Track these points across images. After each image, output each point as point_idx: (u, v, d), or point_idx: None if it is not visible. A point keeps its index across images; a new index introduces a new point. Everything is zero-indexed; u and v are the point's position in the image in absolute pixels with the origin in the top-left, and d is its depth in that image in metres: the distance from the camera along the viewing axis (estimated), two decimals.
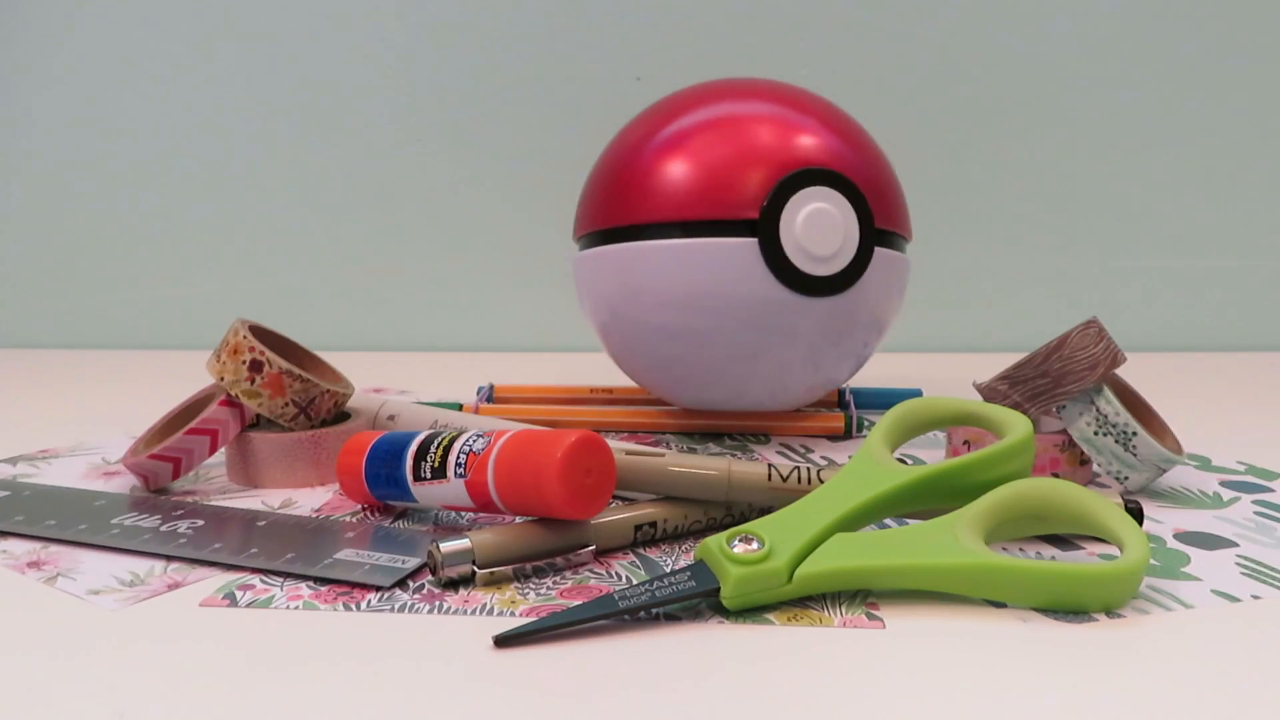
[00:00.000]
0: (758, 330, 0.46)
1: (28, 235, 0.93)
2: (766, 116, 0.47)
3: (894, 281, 0.49)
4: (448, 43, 0.86)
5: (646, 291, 0.47)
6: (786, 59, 0.83)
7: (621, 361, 0.51)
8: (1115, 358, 0.40)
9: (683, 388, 0.49)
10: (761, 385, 0.48)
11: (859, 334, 0.48)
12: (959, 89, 0.83)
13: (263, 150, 0.89)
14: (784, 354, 0.47)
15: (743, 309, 0.45)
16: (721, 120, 0.47)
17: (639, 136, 0.49)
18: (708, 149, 0.46)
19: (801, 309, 0.45)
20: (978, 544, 0.30)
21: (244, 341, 0.43)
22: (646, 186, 0.46)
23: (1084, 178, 0.84)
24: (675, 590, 0.29)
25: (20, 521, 0.38)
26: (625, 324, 0.48)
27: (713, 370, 0.48)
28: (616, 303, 0.48)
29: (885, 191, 0.48)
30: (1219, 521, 0.38)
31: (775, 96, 0.48)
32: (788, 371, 0.48)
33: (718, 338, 0.46)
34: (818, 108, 0.49)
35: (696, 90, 0.50)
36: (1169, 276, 0.85)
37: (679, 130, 0.47)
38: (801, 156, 0.46)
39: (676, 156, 0.46)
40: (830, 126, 0.47)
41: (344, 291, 0.90)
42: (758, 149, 0.45)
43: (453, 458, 0.35)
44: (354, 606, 0.30)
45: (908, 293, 0.86)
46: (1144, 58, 0.82)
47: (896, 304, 0.50)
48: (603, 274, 0.48)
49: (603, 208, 0.48)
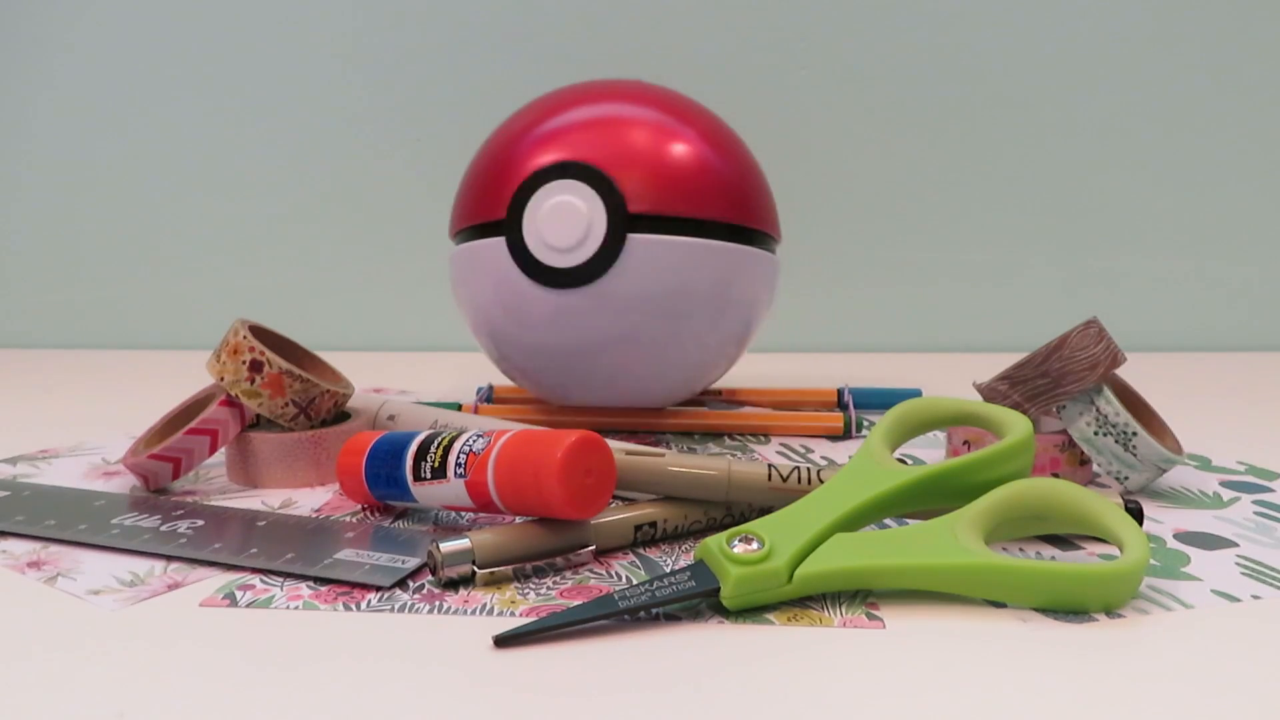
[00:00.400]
0: (534, 327, 0.48)
1: (28, 235, 0.93)
2: (531, 121, 0.49)
3: (661, 269, 0.47)
4: (448, 43, 0.86)
5: (464, 293, 0.51)
6: (787, 59, 0.83)
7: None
8: (1115, 358, 0.40)
9: (531, 385, 0.52)
10: (601, 380, 0.49)
11: (674, 319, 0.47)
12: (959, 89, 0.83)
13: (263, 150, 0.89)
14: (581, 348, 0.48)
15: (508, 305, 0.48)
16: (519, 127, 0.50)
17: (489, 138, 0.52)
18: (488, 155, 0.50)
19: (554, 301, 0.47)
20: (978, 544, 0.30)
21: (244, 341, 0.43)
22: (464, 190, 0.51)
23: (1084, 178, 0.84)
24: (675, 590, 0.29)
25: (20, 521, 0.38)
26: (481, 326, 0.51)
27: (535, 366, 0.50)
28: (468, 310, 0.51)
29: (658, 178, 0.47)
30: (1219, 521, 0.38)
31: (574, 98, 0.50)
32: (606, 364, 0.48)
33: (513, 336, 0.49)
34: (593, 101, 0.49)
35: (557, 93, 0.51)
36: (1169, 276, 0.85)
37: (494, 136, 0.51)
38: (554, 155, 0.47)
39: (477, 163, 0.50)
40: (600, 121, 0.48)
41: (344, 291, 0.90)
42: (518, 151, 0.48)
43: (453, 458, 0.35)
44: (354, 606, 0.30)
45: (908, 293, 0.86)
46: (1144, 57, 0.82)
47: (726, 290, 0.48)
48: (468, 274, 0.51)
49: (461, 205, 0.51)
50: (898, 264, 0.86)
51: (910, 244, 0.85)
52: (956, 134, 0.84)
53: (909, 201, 0.85)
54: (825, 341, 0.87)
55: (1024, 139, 0.84)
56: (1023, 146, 0.84)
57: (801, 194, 0.85)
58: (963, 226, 0.85)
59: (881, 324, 0.87)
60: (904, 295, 0.86)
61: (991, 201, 0.85)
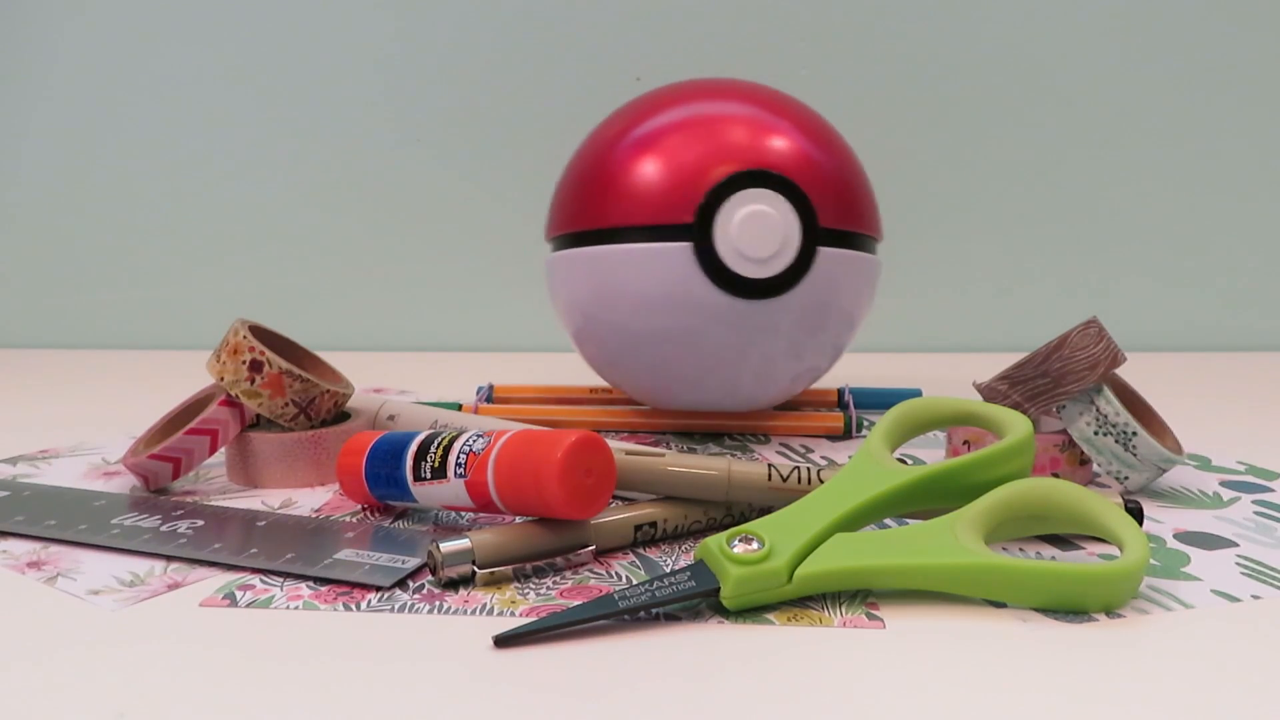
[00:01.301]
0: (701, 333, 0.46)
1: (28, 235, 0.93)
2: (714, 117, 0.47)
3: (848, 280, 0.48)
4: (449, 43, 0.86)
5: (609, 296, 0.48)
6: (786, 59, 0.83)
7: (595, 364, 0.52)
8: (1115, 358, 0.40)
9: (647, 389, 0.50)
10: (722, 385, 0.49)
11: (821, 331, 0.48)
12: (960, 88, 0.83)
13: (263, 150, 0.89)
14: (736, 357, 0.47)
15: (684, 312, 0.46)
16: (681, 123, 0.47)
17: (606, 140, 0.49)
18: (659, 154, 0.47)
19: (742, 311, 0.46)
20: (978, 544, 0.30)
21: (244, 341, 0.43)
22: (610, 192, 0.47)
23: (1085, 177, 0.84)
24: (675, 590, 0.29)
25: (20, 521, 0.38)
26: (594, 327, 0.49)
27: (670, 372, 0.48)
28: (582, 307, 0.49)
29: (839, 192, 0.47)
30: (1219, 521, 0.38)
31: (735, 95, 0.49)
32: (747, 370, 0.48)
33: (667, 341, 0.47)
34: (772, 107, 0.49)
35: (667, 91, 0.50)
36: (1169, 276, 0.85)
37: (641, 135, 0.48)
38: (741, 159, 0.46)
39: (638, 161, 0.47)
40: (778, 127, 0.48)
41: (344, 291, 0.90)
42: (696, 154, 0.46)
43: (453, 458, 0.35)
44: (354, 606, 0.30)
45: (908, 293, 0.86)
46: (1144, 56, 0.82)
47: (856, 300, 0.49)
48: (573, 277, 0.49)
49: (572, 211, 0.49)
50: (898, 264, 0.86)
51: (910, 244, 0.85)
52: (956, 134, 0.84)
53: (909, 202, 0.85)
54: None
55: (1024, 139, 0.84)
56: (1023, 146, 0.84)
57: None
58: (963, 227, 0.85)
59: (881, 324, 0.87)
60: (904, 295, 0.86)
61: (992, 201, 0.85)
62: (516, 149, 0.86)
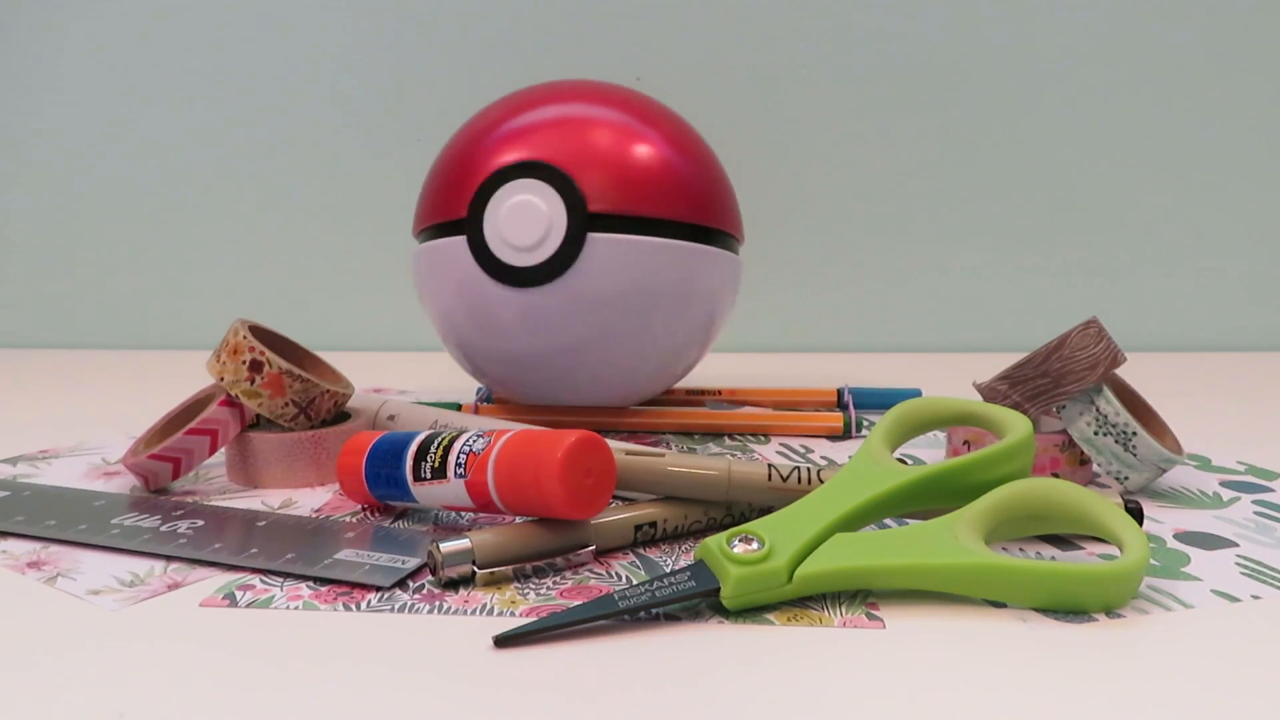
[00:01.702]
0: (484, 325, 0.48)
1: (28, 235, 0.93)
2: (494, 120, 0.49)
3: (625, 268, 0.47)
4: (449, 43, 0.86)
5: (427, 291, 0.51)
6: (786, 59, 0.83)
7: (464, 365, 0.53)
8: (1115, 358, 0.40)
9: (494, 383, 0.52)
10: (543, 380, 0.50)
11: (610, 323, 0.47)
12: (959, 89, 0.83)
13: (262, 150, 0.89)
14: (513, 343, 0.48)
15: (469, 304, 0.48)
16: (482, 125, 0.50)
17: (453, 137, 0.52)
18: (448, 154, 0.50)
19: (512, 299, 0.47)
20: (978, 544, 0.30)
21: (244, 341, 0.43)
22: (427, 189, 0.51)
23: (1084, 177, 0.84)
24: (675, 590, 0.29)
25: (20, 521, 0.38)
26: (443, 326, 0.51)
27: (495, 365, 0.50)
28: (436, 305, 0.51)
29: (618, 177, 0.47)
30: (1219, 521, 0.38)
31: (537, 98, 0.50)
32: (557, 366, 0.49)
33: (476, 335, 0.49)
34: (554, 102, 0.50)
35: (516, 95, 0.52)
36: (1169, 276, 0.85)
37: (458, 135, 0.51)
38: (514, 154, 0.47)
39: (440, 161, 0.51)
40: (561, 120, 0.48)
41: (344, 291, 0.90)
42: (478, 150, 0.48)
43: (453, 458, 0.35)
44: (354, 606, 0.30)
45: (908, 293, 0.86)
46: (1144, 56, 0.82)
47: (681, 288, 0.48)
48: (430, 272, 0.51)
49: (424, 204, 0.51)
50: (898, 264, 0.86)
51: (910, 244, 0.85)
52: (956, 134, 0.84)
53: (909, 202, 0.85)
54: (825, 341, 0.87)
55: (1024, 138, 0.84)
56: (1023, 146, 0.84)
57: (801, 194, 0.85)
58: (963, 226, 0.85)
59: (881, 324, 0.87)
60: (904, 295, 0.86)
61: (992, 201, 0.85)
62: None
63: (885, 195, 0.85)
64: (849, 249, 0.85)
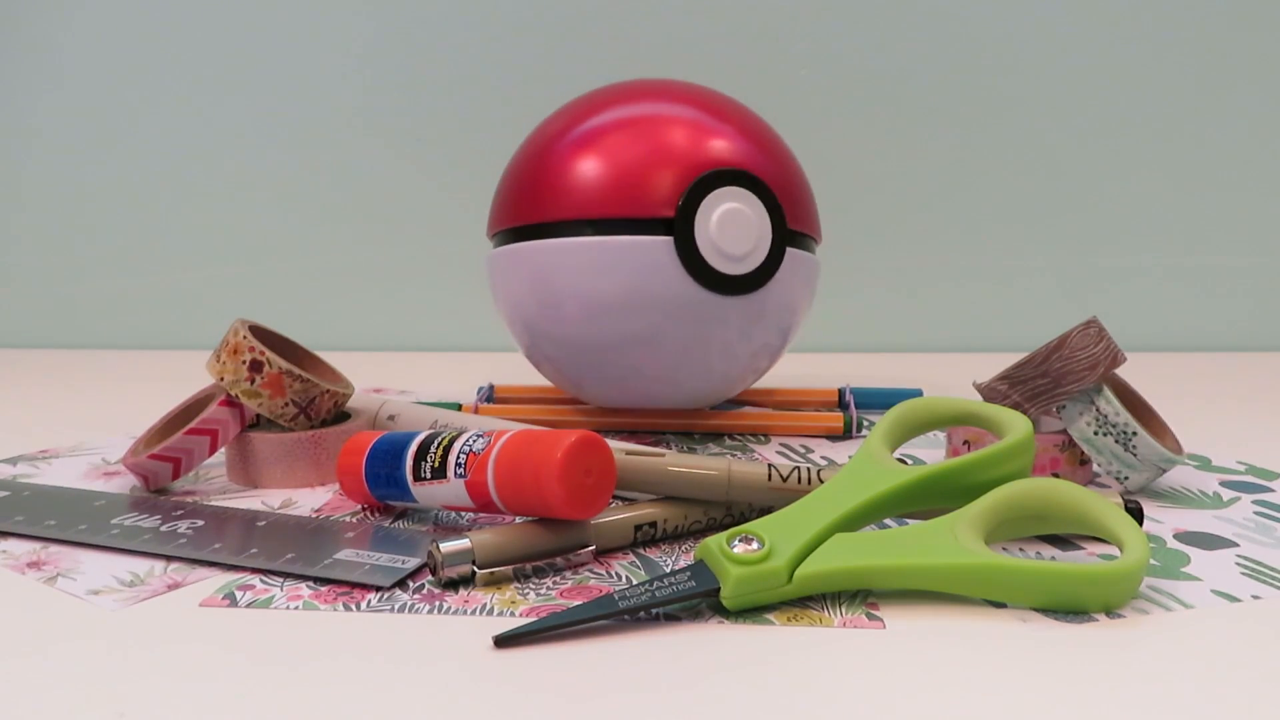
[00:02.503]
0: (673, 328, 0.47)
1: (28, 235, 0.93)
2: (681, 118, 0.47)
3: (804, 281, 0.49)
4: (449, 44, 0.86)
5: (558, 290, 0.47)
6: (786, 59, 0.83)
7: (538, 364, 0.52)
8: (1115, 358, 0.40)
9: (598, 387, 0.50)
10: (675, 383, 0.49)
11: (771, 332, 0.49)
12: (959, 89, 0.83)
13: (263, 150, 0.89)
14: (700, 351, 0.47)
15: (658, 307, 0.46)
16: (636, 120, 0.47)
17: (553, 133, 0.49)
18: (623, 148, 0.46)
19: (717, 307, 0.46)
20: (978, 544, 0.30)
21: (244, 341, 0.43)
22: (560, 184, 0.47)
23: (1084, 178, 0.84)
24: (675, 590, 0.29)
25: (20, 521, 0.38)
26: (539, 324, 0.49)
27: (628, 369, 0.48)
28: (529, 302, 0.48)
29: (796, 195, 0.49)
30: (1219, 521, 0.38)
31: (690, 98, 0.49)
32: (704, 368, 0.48)
33: (633, 336, 0.47)
34: (731, 110, 0.49)
35: (612, 90, 0.50)
36: (1169, 276, 0.85)
37: (593, 128, 0.47)
38: (715, 158, 0.46)
39: (590, 154, 0.46)
40: (742, 129, 0.48)
41: (344, 291, 0.90)
42: (673, 149, 0.46)
43: (453, 458, 0.35)
44: (354, 606, 0.30)
45: (908, 293, 0.86)
46: (1144, 56, 0.82)
47: (806, 303, 0.51)
48: (516, 272, 0.48)
49: (515, 205, 0.48)
50: (898, 264, 0.86)
51: (910, 244, 0.85)
52: (956, 134, 0.84)
53: (909, 202, 0.85)
54: (825, 341, 0.87)
55: (1024, 139, 0.84)
56: (1023, 146, 0.84)
57: None
58: (963, 226, 0.85)
59: (881, 324, 0.87)
60: (904, 295, 0.86)
61: (992, 201, 0.85)
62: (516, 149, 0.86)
63: (885, 196, 0.85)
64: (849, 249, 0.85)
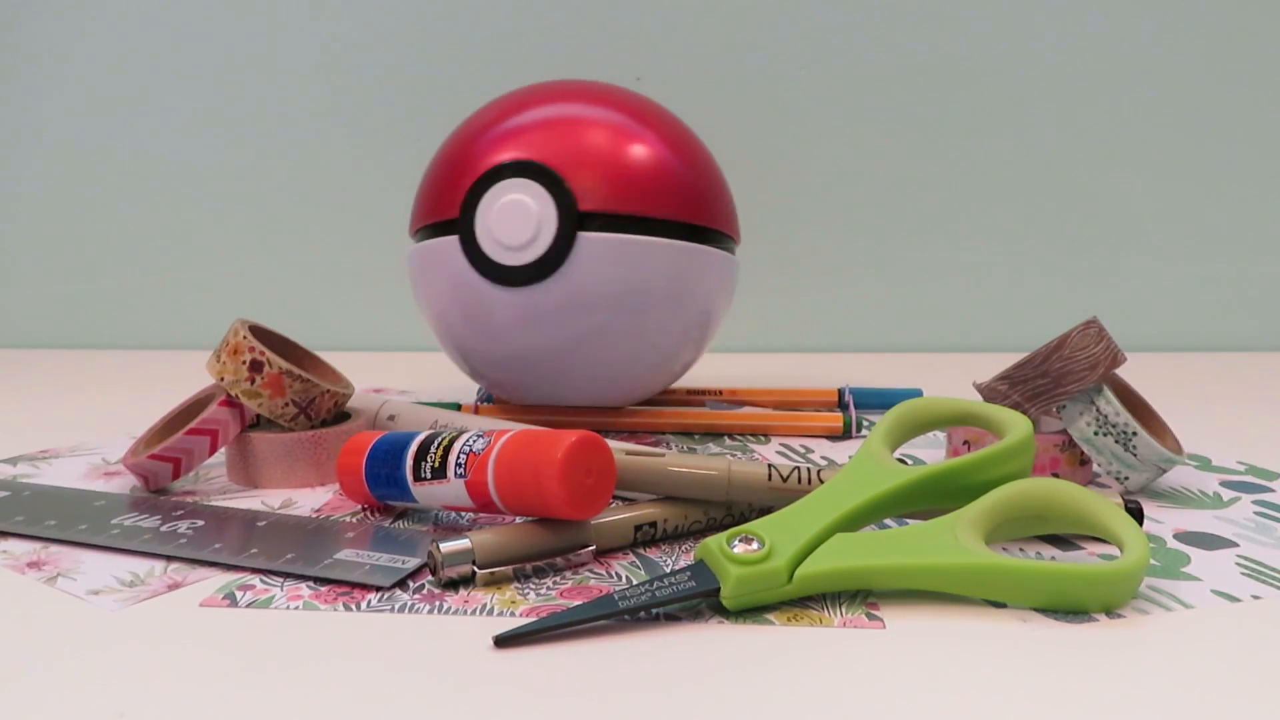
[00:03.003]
0: (479, 325, 0.48)
1: (28, 235, 0.93)
2: (488, 121, 0.49)
3: (613, 267, 0.47)
4: (450, 44, 0.86)
5: (420, 290, 0.51)
6: (785, 59, 0.83)
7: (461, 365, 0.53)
8: (1115, 358, 0.40)
9: (491, 384, 0.52)
10: (537, 380, 0.50)
11: (602, 322, 0.47)
12: (959, 89, 0.83)
13: (263, 150, 0.89)
14: (531, 350, 0.48)
15: (463, 304, 0.48)
16: (475, 126, 0.50)
17: (448, 138, 0.52)
18: (442, 155, 0.50)
19: (505, 299, 0.47)
20: (978, 544, 0.30)
21: (244, 341, 0.43)
22: (422, 189, 0.51)
23: (1084, 178, 0.84)
24: (675, 590, 0.29)
25: (20, 521, 0.38)
26: (443, 330, 0.51)
27: (491, 365, 0.50)
28: (438, 306, 0.51)
29: (611, 176, 0.47)
30: (1219, 521, 0.38)
31: (530, 99, 0.50)
32: (552, 365, 0.49)
33: (467, 332, 0.49)
34: (540, 102, 0.50)
35: (515, 93, 0.52)
36: (1169, 276, 0.85)
37: (452, 136, 0.51)
38: (506, 154, 0.47)
39: (435, 162, 0.51)
40: (553, 120, 0.48)
41: (344, 291, 0.90)
42: (471, 151, 0.48)
43: (453, 458, 0.35)
44: (354, 606, 0.30)
45: (908, 293, 0.86)
46: (1144, 56, 0.82)
47: (678, 287, 0.48)
48: (423, 272, 0.51)
49: (420, 204, 0.51)
50: (898, 264, 0.86)
51: (910, 244, 0.85)
52: (956, 134, 0.84)
53: (909, 202, 0.85)
54: (825, 341, 0.87)
55: (1024, 138, 0.84)
56: (1023, 146, 0.84)
57: (802, 195, 0.85)
58: (963, 226, 0.85)
59: (881, 324, 0.87)
60: (904, 295, 0.86)
61: (992, 201, 0.85)
62: None
63: (886, 195, 0.85)
64: (849, 249, 0.85)
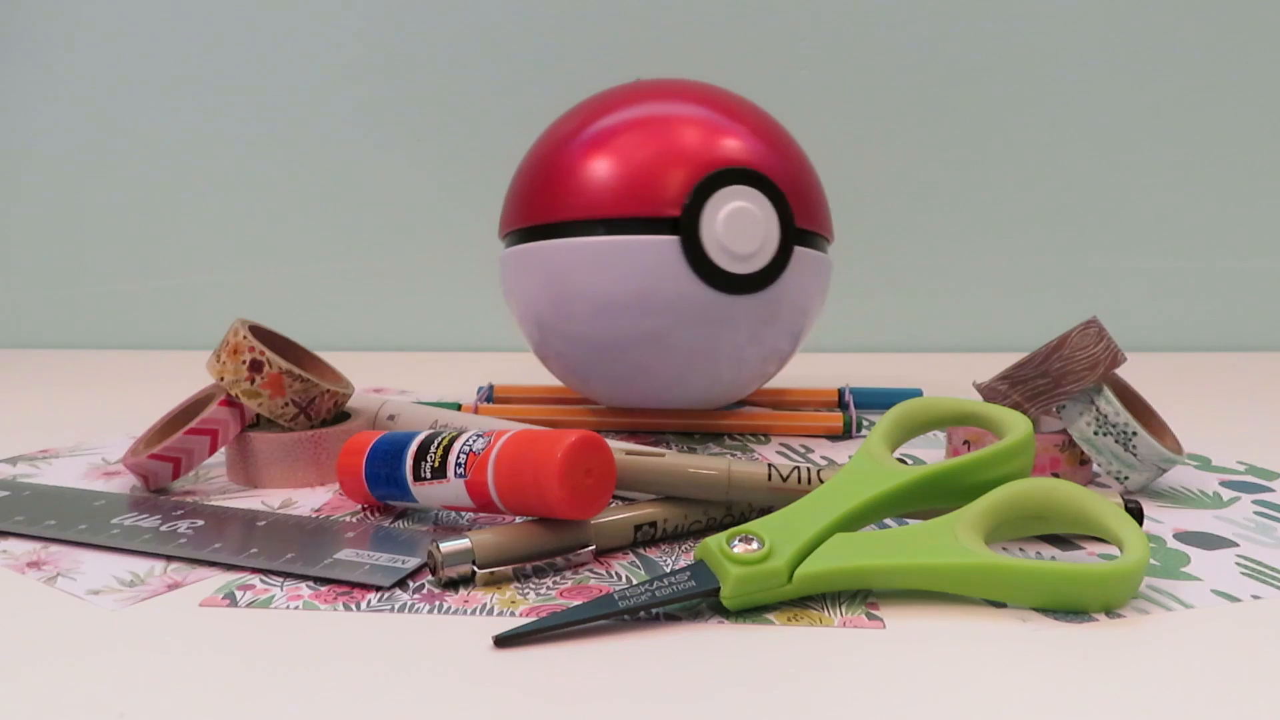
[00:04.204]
0: (680, 328, 0.46)
1: (29, 236, 0.93)
2: (691, 118, 0.47)
3: (815, 279, 0.49)
4: (450, 44, 0.86)
5: (569, 289, 0.47)
6: (785, 59, 0.83)
7: (547, 361, 0.52)
8: (1115, 358, 0.40)
9: (607, 386, 0.50)
10: (684, 383, 0.49)
11: (781, 332, 0.49)
12: (959, 89, 0.83)
13: (263, 150, 0.89)
14: (708, 352, 0.47)
15: (664, 306, 0.46)
16: (647, 120, 0.47)
17: (565, 134, 0.49)
18: (634, 148, 0.46)
19: (723, 307, 0.46)
20: (978, 544, 0.30)
21: (244, 341, 0.43)
22: (570, 184, 0.47)
23: (1085, 178, 0.84)
24: (675, 590, 0.29)
25: (20, 521, 0.38)
26: (550, 323, 0.48)
27: (637, 368, 0.48)
28: (540, 301, 0.48)
29: (806, 193, 0.48)
30: (1219, 521, 0.38)
31: (700, 98, 0.49)
32: (712, 369, 0.48)
33: (641, 336, 0.47)
34: (741, 110, 0.49)
35: (623, 90, 0.50)
36: (1169, 276, 0.85)
37: (604, 128, 0.47)
38: (723, 157, 0.46)
39: (600, 154, 0.46)
40: (753, 128, 0.48)
41: (344, 291, 0.90)
42: (680, 148, 0.46)
43: (453, 458, 0.35)
44: (354, 606, 0.30)
45: (908, 293, 0.86)
46: (1144, 56, 0.82)
47: (817, 303, 0.50)
48: (527, 272, 0.48)
49: (527, 205, 0.48)
50: (898, 264, 0.86)
51: (910, 244, 0.85)
52: (956, 134, 0.84)
53: (909, 202, 0.85)
54: (825, 341, 0.87)
55: (1024, 139, 0.84)
56: (1023, 146, 0.84)
57: None
58: (963, 227, 0.85)
59: (881, 324, 0.87)
60: (904, 295, 0.86)
61: (991, 201, 0.85)
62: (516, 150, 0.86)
63: (886, 196, 0.85)
64: (849, 249, 0.85)
